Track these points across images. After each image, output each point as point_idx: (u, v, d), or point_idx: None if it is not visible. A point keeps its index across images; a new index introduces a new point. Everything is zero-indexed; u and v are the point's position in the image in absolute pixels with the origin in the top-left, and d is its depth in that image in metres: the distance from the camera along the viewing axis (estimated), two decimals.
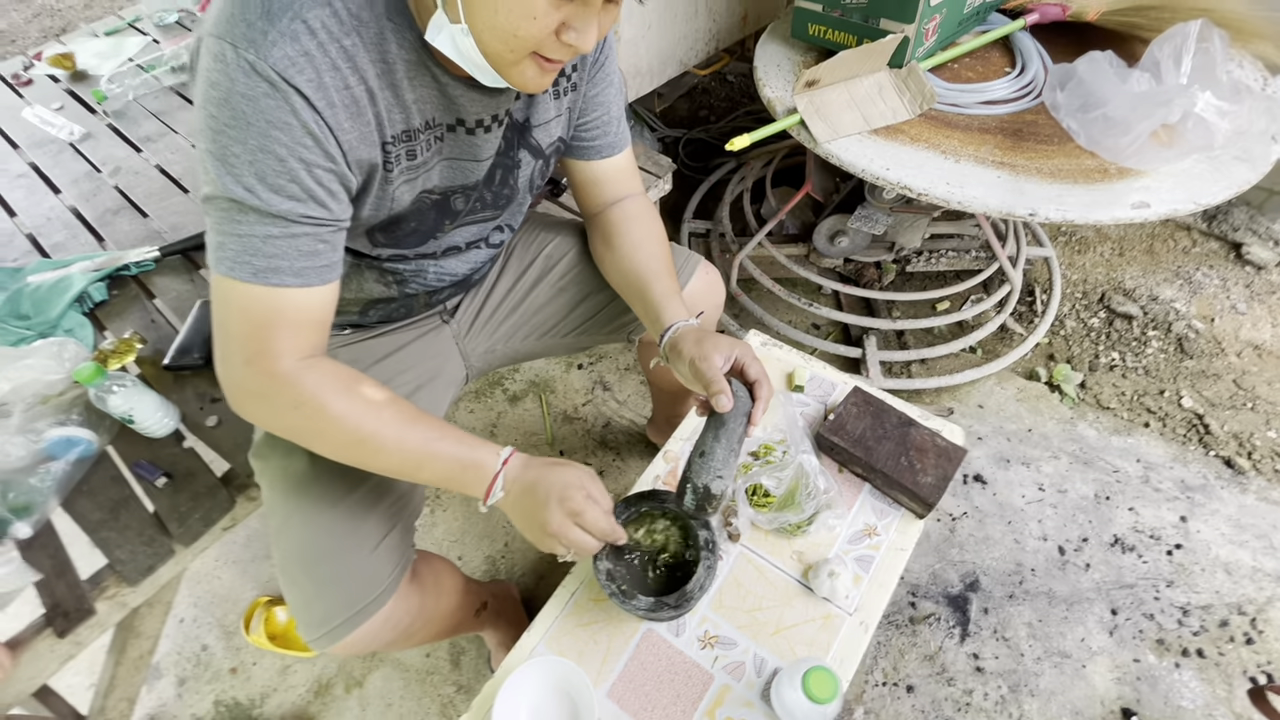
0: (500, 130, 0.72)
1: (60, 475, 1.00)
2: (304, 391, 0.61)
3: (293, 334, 0.60)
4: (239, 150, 0.54)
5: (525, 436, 1.60)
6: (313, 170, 0.56)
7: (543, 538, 0.66)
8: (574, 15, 0.54)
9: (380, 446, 0.63)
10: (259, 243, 0.57)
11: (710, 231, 1.91)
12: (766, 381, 0.74)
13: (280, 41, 0.52)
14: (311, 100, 0.54)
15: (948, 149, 1.13)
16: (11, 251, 1.44)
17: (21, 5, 3.40)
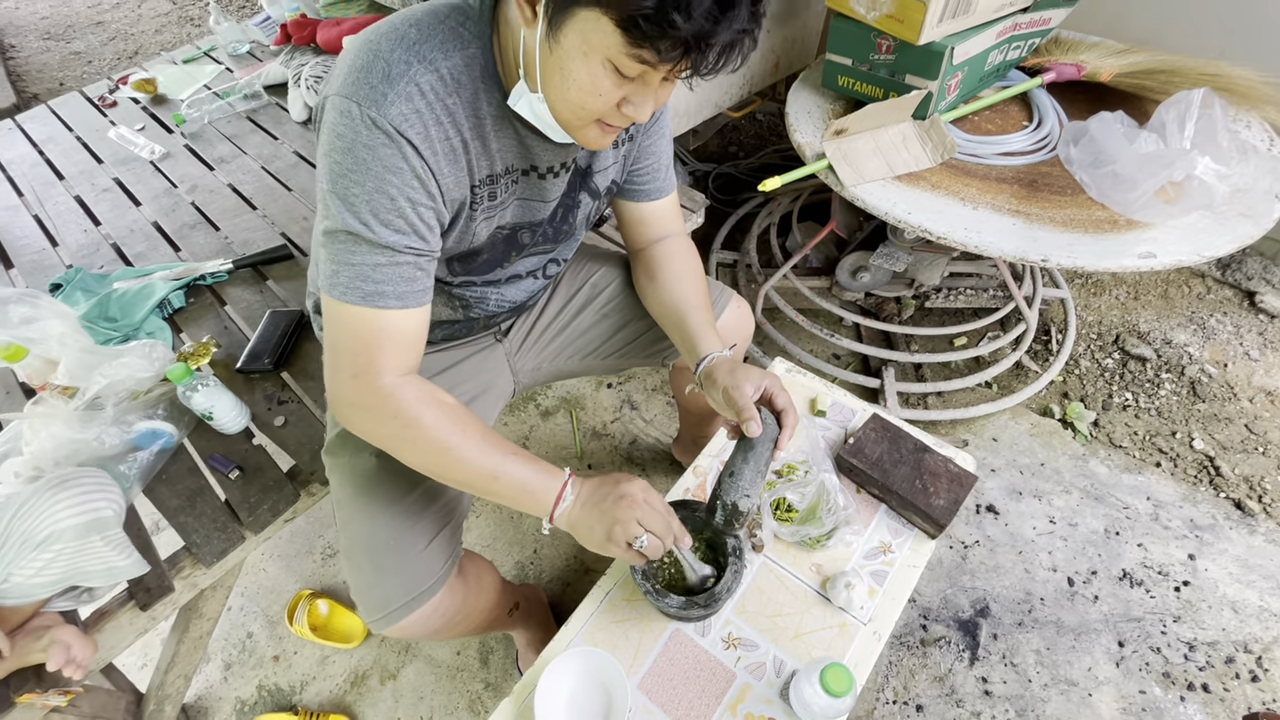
0: (566, 176, 0.82)
1: (145, 464, 1.11)
2: (402, 404, 0.69)
3: (394, 351, 0.70)
4: (358, 191, 0.64)
5: (555, 450, 1.69)
6: (417, 208, 0.66)
7: (607, 544, 0.72)
8: (634, 93, 0.63)
9: (461, 459, 0.71)
10: (369, 270, 0.67)
11: (737, 262, 2.00)
12: (793, 410, 0.82)
13: (397, 101, 0.63)
14: (420, 149, 0.64)
15: (966, 196, 1.22)
16: (99, 259, 1.58)
17: (98, 29, 3.65)
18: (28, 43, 3.63)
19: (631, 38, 0.56)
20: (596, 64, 0.59)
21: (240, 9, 3.60)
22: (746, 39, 0.59)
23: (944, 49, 1.20)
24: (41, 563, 0.87)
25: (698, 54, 0.58)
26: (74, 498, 0.90)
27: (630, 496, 0.72)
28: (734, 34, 0.57)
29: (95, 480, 0.94)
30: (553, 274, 0.98)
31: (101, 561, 0.91)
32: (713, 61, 0.59)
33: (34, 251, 1.63)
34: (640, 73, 0.60)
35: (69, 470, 0.94)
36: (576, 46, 0.59)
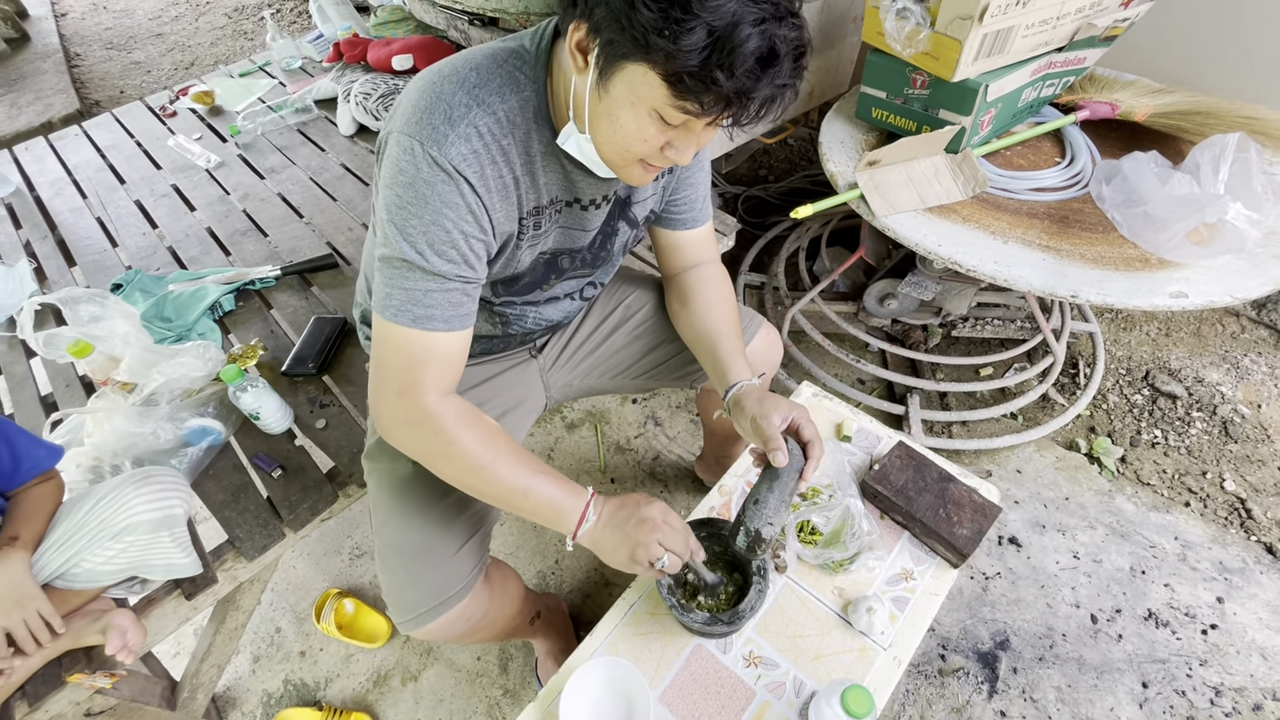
0: (607, 207, 0.86)
1: (194, 460, 1.17)
2: (443, 422, 0.74)
3: (438, 371, 0.74)
4: (415, 223, 0.69)
5: (579, 463, 1.72)
6: (469, 240, 0.71)
7: (629, 561, 0.76)
8: (677, 138, 0.67)
9: (494, 477, 0.75)
10: (420, 295, 0.71)
11: (765, 284, 2.03)
12: (819, 442, 0.84)
13: (457, 142, 0.67)
14: (475, 187, 0.69)
15: (997, 230, 1.23)
16: (155, 261, 1.66)
17: (158, 40, 3.83)
18: (91, 52, 3.82)
19: (676, 91, 0.60)
20: (643, 112, 0.63)
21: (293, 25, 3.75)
22: (788, 92, 0.62)
23: (978, 86, 1.23)
24: (113, 552, 0.92)
25: (739, 107, 0.61)
26: (153, 494, 0.95)
27: (651, 520, 0.76)
28: (775, 89, 0.60)
29: (172, 479, 1.00)
30: (589, 296, 1.02)
31: (164, 557, 0.97)
32: (754, 113, 0.63)
33: (96, 252, 1.72)
34: (684, 121, 0.64)
35: (152, 469, 1.00)
36: (624, 96, 0.63)
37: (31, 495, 0.93)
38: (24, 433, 0.94)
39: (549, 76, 0.72)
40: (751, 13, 0.56)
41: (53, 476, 0.98)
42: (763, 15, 0.56)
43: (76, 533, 0.91)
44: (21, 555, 0.88)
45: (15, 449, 0.91)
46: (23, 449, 0.92)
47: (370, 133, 2.03)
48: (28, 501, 0.93)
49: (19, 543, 0.88)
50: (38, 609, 0.87)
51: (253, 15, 3.99)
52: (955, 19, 1.16)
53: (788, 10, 0.59)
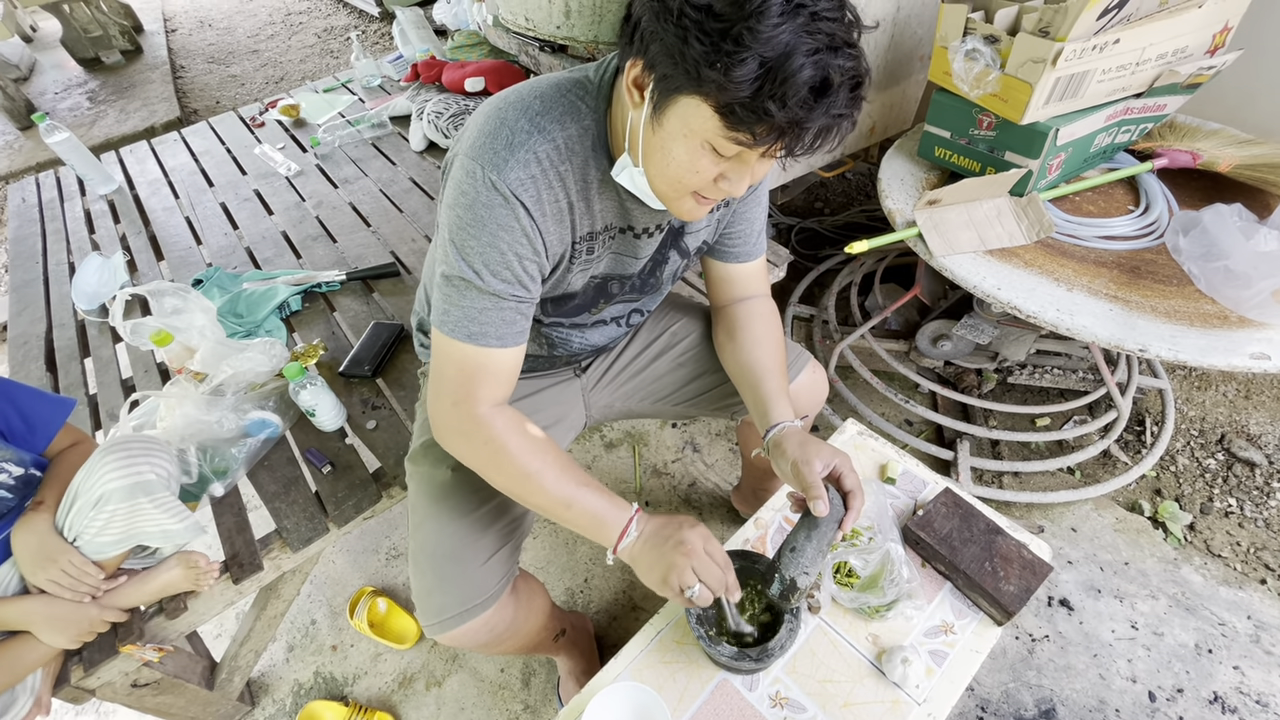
0: (660, 236, 0.87)
1: (251, 450, 1.22)
2: (494, 432, 0.77)
3: (491, 384, 0.77)
4: (474, 244, 0.72)
5: (615, 483, 1.72)
6: (523, 262, 0.73)
7: (661, 584, 0.75)
8: (730, 170, 0.67)
9: (540, 486, 0.77)
10: (476, 312, 0.74)
11: (814, 317, 2.01)
12: (860, 493, 0.82)
13: (516, 168, 0.70)
14: (531, 211, 0.72)
15: (1061, 277, 1.19)
16: (234, 260, 1.77)
17: (253, 56, 4.12)
18: (194, 65, 4.13)
19: (729, 122, 0.60)
20: (696, 145, 0.64)
21: (375, 46, 3.98)
22: (844, 123, 0.61)
23: (1048, 130, 1.20)
24: (101, 522, 0.93)
25: (793, 137, 0.60)
26: (119, 461, 0.94)
27: (689, 545, 0.75)
28: (830, 119, 0.59)
29: (143, 445, 0.99)
30: (636, 322, 1.04)
31: (155, 524, 0.96)
32: (809, 144, 0.62)
33: (182, 249, 1.84)
34: (737, 153, 0.64)
35: (124, 435, 1.02)
36: (678, 129, 0.64)
37: (63, 459, 0.99)
38: (28, 390, 0.98)
39: (610, 108, 0.74)
40: (806, 43, 0.55)
41: (81, 439, 1.03)
42: (817, 46, 0.56)
43: (68, 499, 0.94)
44: (45, 517, 0.93)
45: (22, 409, 0.95)
46: (28, 407, 0.96)
47: (439, 149, 2.12)
48: (58, 466, 0.98)
49: (43, 506, 0.93)
50: (70, 560, 0.92)
51: (339, 36, 4.25)
52: (1027, 62, 1.14)
53: (844, 40, 0.58)
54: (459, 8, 2.76)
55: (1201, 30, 1.21)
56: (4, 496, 0.94)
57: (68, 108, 3.66)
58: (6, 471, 0.93)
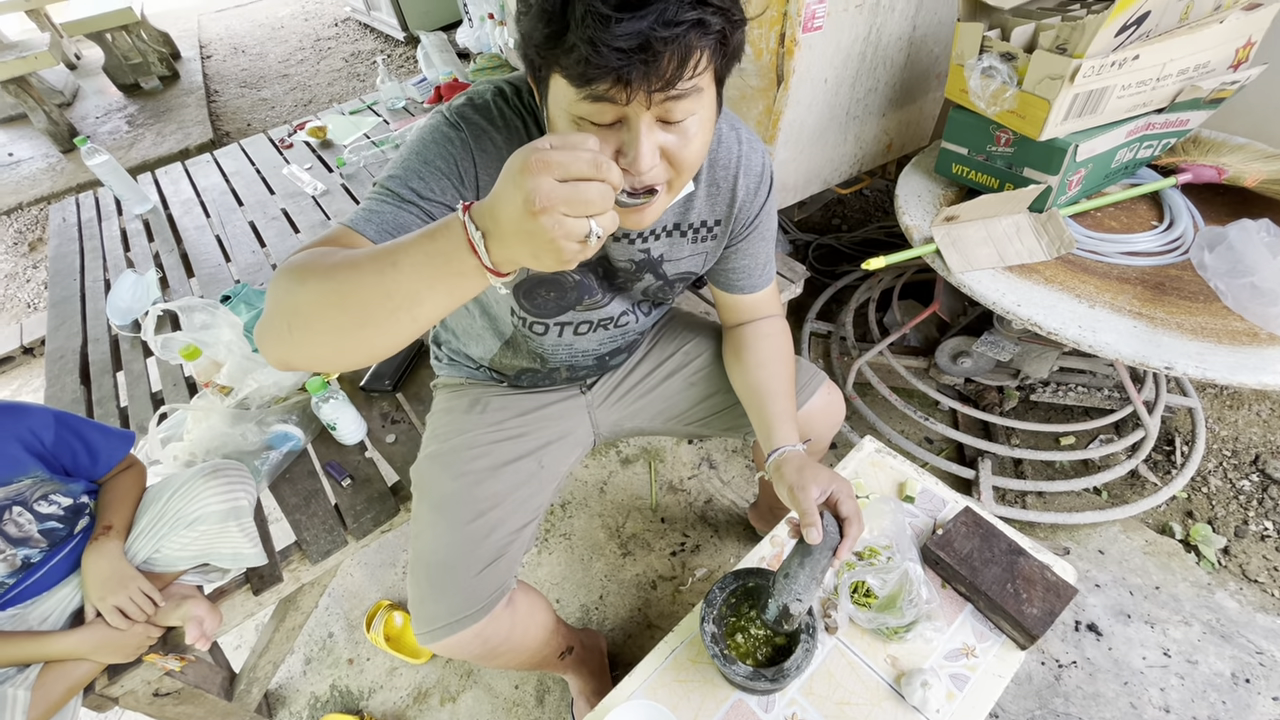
0: (632, 247, 0.86)
1: (274, 462, 1.24)
2: (311, 250, 0.61)
3: None
4: (406, 159, 0.71)
5: (630, 498, 1.72)
6: (440, 176, 0.69)
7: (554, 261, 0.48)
8: (625, 144, 0.59)
9: (353, 268, 0.54)
10: (373, 212, 0.67)
11: (831, 333, 2.00)
12: (858, 521, 0.80)
13: (466, 104, 0.73)
14: (470, 138, 0.71)
15: (1083, 293, 1.18)
16: (261, 276, 1.81)
17: (283, 80, 4.25)
18: (228, 89, 4.28)
19: (571, 80, 0.56)
20: (570, 124, 0.60)
21: (400, 69, 4.09)
22: (689, 33, 0.52)
23: (1067, 146, 1.19)
24: (188, 539, 1.00)
25: (637, 69, 0.52)
26: (221, 486, 1.04)
27: (532, 162, 0.45)
28: (663, 28, 0.51)
29: (239, 473, 1.08)
30: (629, 327, 1.00)
31: (232, 546, 1.04)
32: (665, 70, 0.53)
33: (211, 266, 1.89)
34: (615, 117, 0.58)
35: (218, 461, 1.08)
36: (555, 114, 0.61)
37: (118, 484, 1.03)
38: (94, 425, 1.03)
39: None
40: None
41: (133, 463, 1.08)
42: None
43: (157, 522, 0.99)
44: (116, 543, 0.98)
45: (90, 444, 1.01)
46: (96, 442, 1.02)
47: None
48: (115, 489, 1.02)
49: (113, 531, 0.97)
50: (139, 587, 0.96)
51: (366, 60, 4.38)
52: (1044, 78, 1.14)
53: None
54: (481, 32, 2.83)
55: (1223, 45, 1.20)
56: (55, 527, 0.98)
57: (107, 131, 3.80)
58: (56, 504, 0.97)
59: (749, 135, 0.88)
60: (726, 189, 0.87)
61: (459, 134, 0.71)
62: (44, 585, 0.98)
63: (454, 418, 1.05)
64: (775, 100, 1.43)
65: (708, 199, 0.87)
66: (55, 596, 0.99)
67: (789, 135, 1.51)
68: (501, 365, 1.05)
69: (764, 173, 0.89)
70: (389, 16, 4.40)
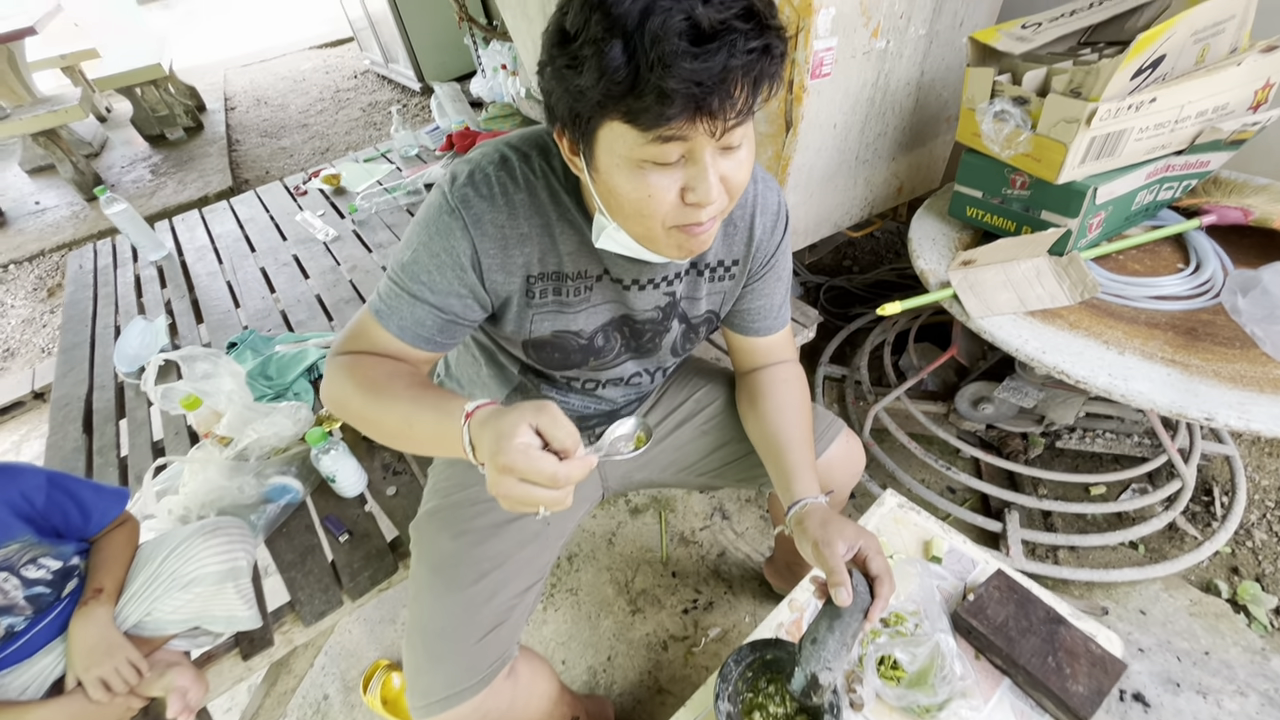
0: (655, 293, 0.84)
1: (271, 516, 1.20)
2: (347, 362, 0.75)
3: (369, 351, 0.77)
4: (411, 247, 0.74)
5: (640, 551, 1.65)
6: (444, 271, 0.72)
7: (497, 493, 0.57)
8: (689, 179, 0.61)
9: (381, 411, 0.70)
10: (392, 298, 0.75)
11: (846, 378, 1.95)
12: (889, 579, 0.74)
13: (466, 184, 0.71)
14: (469, 225, 0.71)
15: (1110, 339, 1.13)
16: (269, 323, 1.81)
17: (303, 130, 4.37)
18: (249, 139, 4.41)
19: (640, 125, 0.55)
20: (632, 169, 0.60)
21: (415, 118, 4.19)
22: (761, 60, 0.53)
23: (1085, 189, 1.16)
24: (182, 601, 0.96)
25: (710, 103, 0.53)
26: (220, 545, 1.00)
27: (500, 442, 0.55)
28: (739, 59, 0.52)
29: (239, 531, 1.04)
30: (642, 385, 0.99)
31: (227, 609, 0.99)
32: (737, 100, 0.54)
33: (221, 312, 1.90)
34: (680, 154, 0.59)
35: (217, 519, 1.04)
36: (610, 164, 0.61)
37: (111, 542, 0.99)
38: (86, 484, 1.00)
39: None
40: (661, 2, 0.50)
41: (126, 520, 1.04)
42: None
43: (151, 583, 0.95)
44: (107, 608, 0.93)
45: (82, 503, 0.97)
46: (89, 501, 0.98)
47: None
48: (107, 548, 0.98)
49: (103, 595, 0.93)
50: (126, 656, 0.91)
51: (382, 110, 4.51)
52: (1060, 122, 1.12)
53: None
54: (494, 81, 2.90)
55: (1242, 87, 1.18)
56: (42, 593, 0.93)
57: (131, 180, 3.91)
58: (45, 568, 0.93)
59: (764, 174, 0.86)
60: (744, 227, 0.85)
61: (457, 221, 0.71)
62: (26, 653, 0.93)
63: (456, 471, 1.01)
64: (784, 145, 1.43)
65: (724, 238, 0.85)
66: (38, 665, 0.94)
67: (799, 180, 1.50)
68: None
69: (780, 211, 0.87)
70: (406, 68, 4.55)
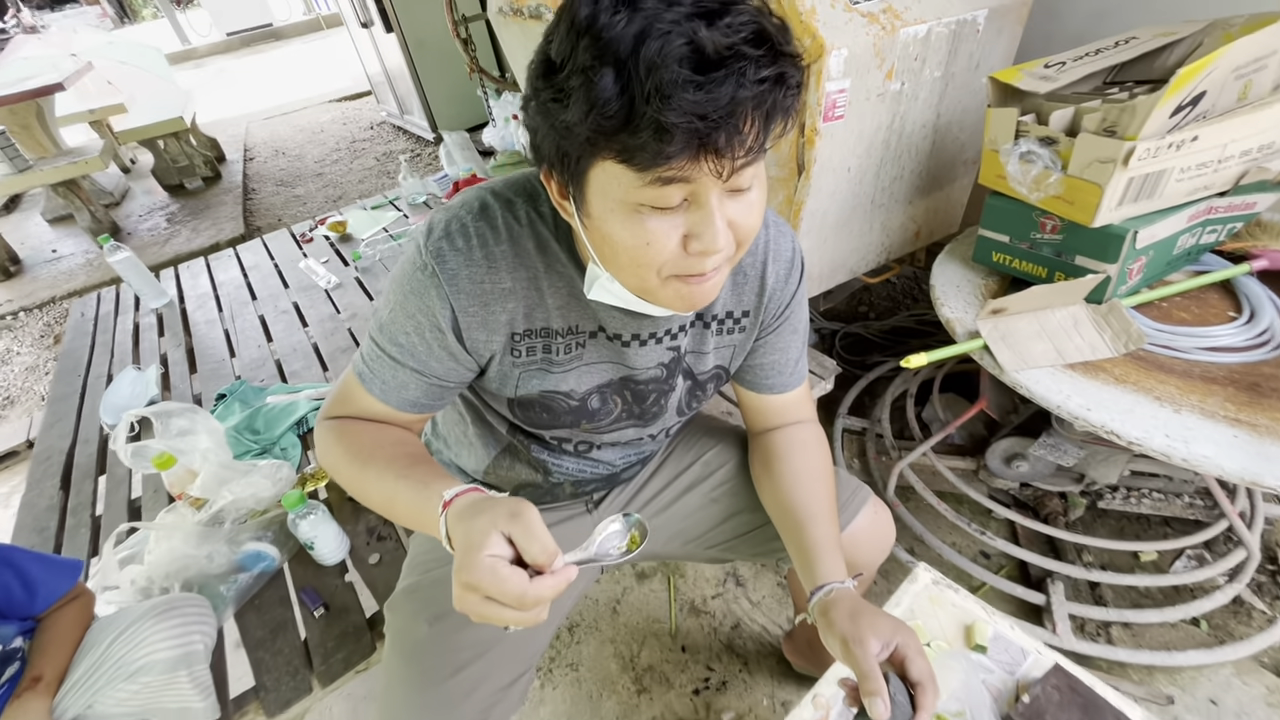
0: (659, 348, 0.76)
1: (243, 586, 1.11)
2: (338, 429, 0.72)
3: (356, 416, 0.74)
4: (389, 307, 0.69)
5: (647, 621, 1.52)
6: (421, 332, 0.67)
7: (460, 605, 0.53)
8: (693, 224, 0.54)
9: (366, 485, 0.68)
10: (374, 359, 0.71)
11: (866, 431, 1.84)
12: (932, 686, 0.63)
13: (442, 238, 0.65)
14: (444, 282, 0.65)
15: (1164, 395, 1.02)
16: (262, 373, 1.74)
17: (317, 179, 4.45)
18: (264, 188, 4.49)
19: (636, 164, 0.49)
20: (628, 214, 0.54)
21: (426, 168, 4.25)
22: (772, 91, 0.47)
23: (1124, 233, 1.08)
24: (128, 693, 0.86)
25: (722, 136, 0.47)
26: (174, 628, 0.90)
27: (467, 556, 0.51)
28: (748, 89, 0.45)
29: (197, 610, 0.94)
30: (644, 447, 0.91)
31: (180, 700, 0.89)
32: (746, 135, 0.48)
33: (215, 361, 1.84)
34: (683, 197, 0.52)
35: (175, 596, 0.95)
36: (603, 209, 0.55)
37: (57, 621, 0.90)
38: (36, 557, 0.92)
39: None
40: (658, 24, 0.45)
41: (80, 594, 0.94)
42: (675, 19, 0.45)
43: (94, 673, 0.85)
44: (44, 700, 0.83)
45: (28, 579, 0.89)
46: (36, 576, 0.90)
47: None
48: (53, 629, 0.89)
49: (41, 685, 0.83)
50: None
51: (396, 160, 4.58)
52: (1093, 162, 1.04)
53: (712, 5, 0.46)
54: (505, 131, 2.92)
55: None
56: None
57: (147, 228, 3.97)
58: None
59: (775, 219, 0.79)
60: (755, 276, 0.77)
61: (432, 280, 0.65)
62: None
63: (436, 543, 0.91)
64: (796, 190, 1.37)
65: (734, 287, 0.77)
66: None
67: (812, 224, 1.43)
68: (498, 478, 0.92)
69: (794, 258, 0.80)
70: (420, 119, 4.65)
